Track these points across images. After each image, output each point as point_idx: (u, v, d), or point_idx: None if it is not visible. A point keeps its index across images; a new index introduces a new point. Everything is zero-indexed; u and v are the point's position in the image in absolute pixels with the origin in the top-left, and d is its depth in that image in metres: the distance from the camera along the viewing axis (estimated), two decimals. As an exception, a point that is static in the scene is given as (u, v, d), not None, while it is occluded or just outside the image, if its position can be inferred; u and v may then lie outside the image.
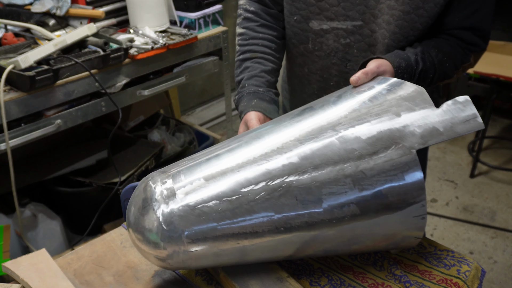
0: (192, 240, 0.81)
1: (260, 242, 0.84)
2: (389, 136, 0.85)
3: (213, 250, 0.83)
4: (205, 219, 0.81)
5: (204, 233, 0.81)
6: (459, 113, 0.87)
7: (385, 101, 0.90)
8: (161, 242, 0.81)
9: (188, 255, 0.82)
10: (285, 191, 0.83)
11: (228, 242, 0.83)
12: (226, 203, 0.82)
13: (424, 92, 0.90)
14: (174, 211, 0.81)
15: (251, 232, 0.83)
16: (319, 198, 0.83)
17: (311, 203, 0.83)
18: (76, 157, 2.02)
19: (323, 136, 0.86)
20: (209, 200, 0.82)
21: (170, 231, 0.81)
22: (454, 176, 2.87)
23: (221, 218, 0.82)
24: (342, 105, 0.91)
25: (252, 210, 0.82)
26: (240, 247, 0.84)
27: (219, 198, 0.82)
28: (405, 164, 0.84)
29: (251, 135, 0.91)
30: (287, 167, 0.84)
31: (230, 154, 0.88)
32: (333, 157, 0.84)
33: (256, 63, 1.18)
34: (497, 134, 3.24)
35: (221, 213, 0.82)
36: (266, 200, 0.82)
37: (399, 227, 0.87)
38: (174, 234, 0.81)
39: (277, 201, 0.82)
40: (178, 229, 0.81)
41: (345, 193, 0.83)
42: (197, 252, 0.82)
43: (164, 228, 0.81)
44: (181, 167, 0.88)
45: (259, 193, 0.82)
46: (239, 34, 1.23)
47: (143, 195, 0.84)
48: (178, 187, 0.83)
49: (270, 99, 1.14)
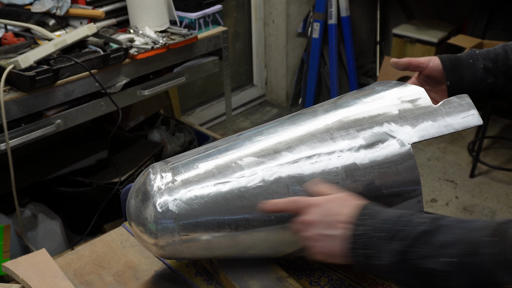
0: (188, 229, 0.83)
1: (252, 232, 0.84)
2: (385, 129, 0.85)
3: (207, 239, 0.84)
4: (200, 209, 0.83)
5: (200, 223, 0.83)
6: (457, 108, 0.87)
7: (382, 97, 0.90)
8: (158, 232, 0.83)
9: (185, 244, 0.84)
10: (277, 179, 0.83)
11: (222, 231, 0.84)
12: (220, 192, 0.83)
13: (424, 92, 0.90)
14: (170, 201, 0.83)
15: (241, 219, 0.83)
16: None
17: (302, 192, 0.83)
18: (76, 157, 2.02)
19: (318, 128, 0.87)
20: (204, 190, 0.84)
21: (167, 221, 0.82)
22: (454, 176, 2.87)
23: (215, 206, 0.83)
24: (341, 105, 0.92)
25: (243, 197, 0.83)
26: (233, 236, 0.85)
27: (214, 188, 0.84)
28: (400, 157, 0.83)
29: (250, 134, 0.92)
30: (280, 156, 0.85)
31: (230, 148, 0.89)
32: (327, 148, 0.84)
33: None
34: (497, 134, 3.24)
35: (215, 203, 0.83)
36: (257, 187, 0.83)
37: None
38: (170, 224, 0.83)
39: (268, 188, 0.83)
40: (175, 218, 0.83)
41: (337, 184, 0.83)
42: (192, 240, 0.84)
43: (161, 217, 0.83)
44: (181, 160, 0.90)
45: (251, 180, 0.83)
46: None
47: (142, 187, 0.86)
48: (177, 179, 0.85)
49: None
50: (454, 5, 3.42)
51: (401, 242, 0.66)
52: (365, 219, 0.70)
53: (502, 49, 0.94)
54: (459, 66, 0.95)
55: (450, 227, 0.65)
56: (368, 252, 0.68)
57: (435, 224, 0.66)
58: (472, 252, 0.62)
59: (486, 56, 0.95)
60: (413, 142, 0.83)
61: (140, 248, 1.03)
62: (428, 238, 0.64)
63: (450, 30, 3.27)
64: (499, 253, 0.60)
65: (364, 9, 3.69)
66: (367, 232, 0.69)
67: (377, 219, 0.69)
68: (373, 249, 0.68)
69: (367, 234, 0.68)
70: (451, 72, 0.95)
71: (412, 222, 0.67)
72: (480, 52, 0.96)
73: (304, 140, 0.86)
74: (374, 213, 0.71)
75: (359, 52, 3.75)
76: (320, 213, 0.74)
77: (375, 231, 0.68)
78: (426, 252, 0.64)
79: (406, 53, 3.32)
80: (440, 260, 0.63)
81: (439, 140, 3.18)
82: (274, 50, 3.52)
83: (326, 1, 3.26)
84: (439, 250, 0.63)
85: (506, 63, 0.93)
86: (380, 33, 3.71)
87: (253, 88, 3.69)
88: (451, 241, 0.63)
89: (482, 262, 0.61)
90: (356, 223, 0.70)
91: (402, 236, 0.66)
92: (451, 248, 0.63)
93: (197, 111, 3.30)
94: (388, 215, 0.69)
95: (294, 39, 3.48)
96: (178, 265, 0.98)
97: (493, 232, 0.62)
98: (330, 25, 3.31)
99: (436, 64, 0.96)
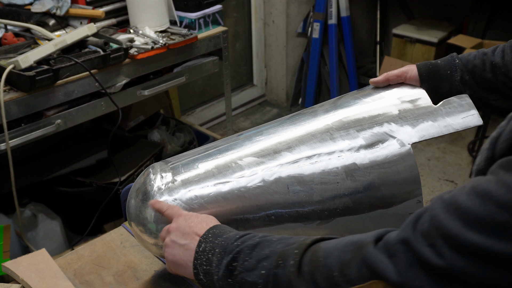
0: None
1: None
2: (385, 129, 0.85)
3: None
4: (200, 209, 0.83)
5: None
6: (457, 108, 0.87)
7: (382, 98, 0.90)
8: (158, 232, 0.84)
9: None
10: (277, 179, 0.83)
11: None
12: (220, 192, 0.84)
13: (424, 92, 0.90)
14: (170, 201, 0.84)
15: (241, 219, 0.83)
16: (311, 188, 0.83)
17: (302, 192, 0.83)
18: (76, 157, 2.02)
19: (318, 129, 0.87)
20: (204, 190, 0.84)
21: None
22: (454, 176, 2.87)
23: (215, 206, 0.84)
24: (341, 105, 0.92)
25: (243, 197, 0.83)
26: None
27: (214, 188, 0.84)
28: (399, 157, 0.83)
29: (250, 134, 0.92)
30: (280, 156, 0.85)
31: (230, 148, 0.89)
32: (327, 148, 0.84)
33: None
34: (497, 134, 3.24)
35: (215, 203, 0.83)
36: (257, 187, 0.83)
37: (395, 225, 0.86)
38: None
39: (268, 188, 0.83)
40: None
41: (337, 184, 0.83)
42: None
43: (161, 217, 0.84)
44: (181, 160, 0.90)
45: (251, 180, 0.84)
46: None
47: (142, 187, 0.87)
48: (177, 179, 0.86)
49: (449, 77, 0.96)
50: (454, 5, 3.42)
51: (230, 256, 0.69)
52: (209, 237, 0.74)
53: (480, 59, 0.93)
54: (436, 77, 0.94)
55: (273, 241, 0.67)
56: (207, 268, 0.71)
57: (261, 239, 0.68)
58: (279, 265, 0.64)
59: (465, 67, 0.93)
60: (413, 142, 0.83)
61: (140, 248, 1.03)
62: (251, 252, 0.67)
63: (450, 30, 3.27)
64: (294, 264, 0.62)
65: (364, 9, 3.69)
66: (209, 249, 0.72)
67: (220, 238, 0.73)
68: (211, 265, 0.71)
69: (209, 251, 0.72)
70: (427, 83, 0.94)
71: (246, 239, 0.70)
72: (460, 61, 0.94)
73: (304, 140, 0.86)
74: (219, 233, 0.74)
75: (359, 52, 3.75)
76: (181, 223, 0.78)
77: (214, 248, 0.72)
78: (250, 265, 0.66)
79: (406, 53, 3.32)
80: (259, 273, 0.65)
81: (439, 140, 3.18)
82: (274, 50, 3.52)
83: (326, 1, 3.26)
84: (258, 263, 0.66)
85: (482, 75, 0.92)
86: (380, 33, 3.71)
87: (253, 88, 3.69)
88: (267, 254, 0.66)
89: (285, 274, 0.63)
90: (202, 240, 0.74)
91: (233, 251, 0.69)
92: (266, 261, 0.65)
93: (197, 111, 3.30)
94: (231, 234, 0.73)
95: (294, 39, 3.48)
96: (178, 265, 0.98)
97: (306, 245, 0.64)
98: (330, 25, 3.32)
99: (413, 75, 0.94)
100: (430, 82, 0.93)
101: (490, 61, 0.91)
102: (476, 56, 0.94)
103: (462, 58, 0.95)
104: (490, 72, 0.91)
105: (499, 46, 0.93)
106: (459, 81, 0.93)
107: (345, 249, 0.60)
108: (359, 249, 0.58)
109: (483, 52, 0.94)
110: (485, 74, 0.91)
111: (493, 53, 0.92)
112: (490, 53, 0.93)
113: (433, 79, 0.94)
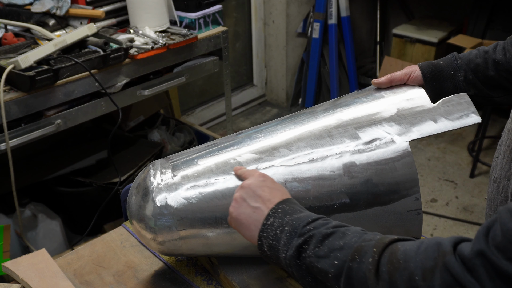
0: (186, 224, 0.84)
1: None
2: (383, 127, 0.85)
3: (205, 234, 0.85)
4: (199, 205, 0.84)
5: (198, 218, 0.84)
6: (455, 107, 0.87)
7: (381, 97, 0.91)
8: (156, 227, 0.85)
9: (184, 239, 0.85)
10: (274, 175, 0.83)
11: (219, 227, 0.85)
12: (218, 188, 0.84)
13: (423, 91, 0.91)
14: (169, 196, 0.84)
15: None
16: (308, 184, 0.83)
17: (299, 188, 0.83)
18: (76, 157, 2.02)
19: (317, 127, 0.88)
20: (203, 186, 0.85)
21: (165, 216, 0.84)
22: (454, 176, 2.87)
23: (213, 202, 0.84)
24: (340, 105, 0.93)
25: None
26: (230, 232, 0.86)
27: (213, 185, 0.85)
28: (397, 154, 0.83)
29: (249, 132, 0.93)
30: (278, 153, 0.86)
31: (229, 146, 0.90)
32: (324, 145, 0.85)
33: None
34: (497, 134, 3.24)
35: (213, 199, 0.84)
36: None
37: (394, 223, 0.86)
38: (168, 219, 0.84)
39: None
40: (174, 214, 0.84)
41: (334, 180, 0.83)
42: (190, 236, 0.85)
43: (160, 212, 0.84)
44: (182, 157, 0.91)
45: None
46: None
47: (143, 183, 0.87)
48: (176, 175, 0.86)
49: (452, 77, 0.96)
50: (454, 5, 3.42)
51: (302, 239, 0.68)
52: (278, 212, 0.73)
53: (482, 58, 0.93)
54: (439, 77, 0.94)
55: (347, 234, 0.67)
56: (273, 243, 0.71)
57: (335, 229, 0.68)
58: (355, 259, 0.64)
59: (467, 67, 0.94)
60: (411, 139, 0.84)
61: (140, 248, 1.03)
62: (323, 240, 0.67)
63: (450, 30, 3.27)
64: (372, 262, 0.63)
65: (364, 9, 3.69)
66: (277, 225, 0.72)
67: (290, 216, 0.72)
68: (278, 242, 0.71)
69: (277, 226, 0.72)
70: (431, 83, 0.94)
71: (318, 225, 0.70)
72: (462, 61, 0.94)
73: (302, 138, 0.87)
74: (289, 210, 0.73)
75: (359, 52, 3.75)
76: (256, 182, 0.77)
77: (283, 225, 0.71)
78: (321, 252, 0.67)
79: (406, 53, 3.32)
80: (331, 262, 0.65)
81: (439, 140, 3.19)
82: (274, 50, 3.52)
83: (326, 1, 3.27)
84: (331, 252, 0.66)
85: (486, 73, 0.92)
86: (380, 33, 3.71)
87: (253, 88, 3.69)
88: (341, 246, 0.66)
89: (361, 269, 0.63)
90: (271, 214, 0.73)
91: (305, 234, 0.69)
92: (339, 252, 0.66)
93: (197, 111, 3.30)
94: (302, 215, 0.72)
95: (294, 39, 3.48)
96: (178, 265, 0.99)
97: (385, 244, 0.64)
98: (330, 25, 3.32)
99: (417, 76, 0.95)
100: (434, 83, 0.94)
101: (492, 59, 0.92)
102: (478, 55, 0.94)
103: (463, 57, 0.95)
104: (493, 70, 0.91)
105: (499, 43, 0.94)
106: (463, 80, 0.93)
107: (426, 255, 0.60)
108: (441, 257, 0.59)
109: (484, 50, 0.95)
110: (488, 72, 0.92)
111: (494, 50, 0.93)
112: (491, 51, 0.94)
113: (437, 80, 0.94)
